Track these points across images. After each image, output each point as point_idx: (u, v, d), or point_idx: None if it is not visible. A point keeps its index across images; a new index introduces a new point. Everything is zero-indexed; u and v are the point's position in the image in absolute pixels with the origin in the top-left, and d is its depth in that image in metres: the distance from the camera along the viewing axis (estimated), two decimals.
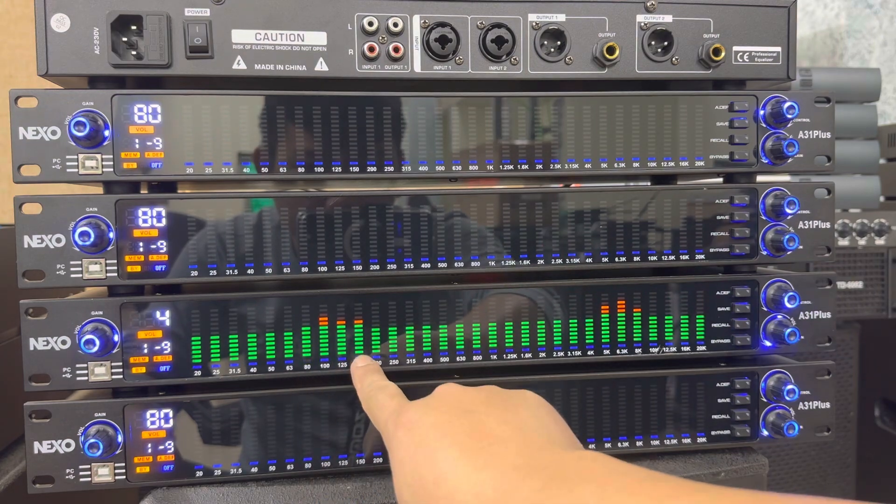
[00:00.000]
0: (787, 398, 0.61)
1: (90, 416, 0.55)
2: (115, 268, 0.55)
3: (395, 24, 0.56)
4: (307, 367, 0.58)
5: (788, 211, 0.61)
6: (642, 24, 0.60)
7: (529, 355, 0.60)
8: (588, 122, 0.60)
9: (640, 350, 0.62)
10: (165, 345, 0.56)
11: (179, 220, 0.55)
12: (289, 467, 0.58)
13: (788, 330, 0.61)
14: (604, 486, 0.33)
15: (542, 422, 0.42)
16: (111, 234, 0.54)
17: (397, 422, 0.44)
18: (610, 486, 0.33)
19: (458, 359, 0.60)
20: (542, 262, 0.60)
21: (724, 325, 0.63)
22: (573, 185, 0.68)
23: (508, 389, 0.45)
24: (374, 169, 0.57)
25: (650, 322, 0.62)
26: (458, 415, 0.42)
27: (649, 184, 0.68)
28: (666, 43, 0.60)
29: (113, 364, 0.55)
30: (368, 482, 0.58)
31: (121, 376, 0.55)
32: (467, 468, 0.37)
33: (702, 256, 0.62)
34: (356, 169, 0.57)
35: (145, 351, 0.56)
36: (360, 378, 0.54)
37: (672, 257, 0.62)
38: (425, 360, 0.59)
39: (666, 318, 0.62)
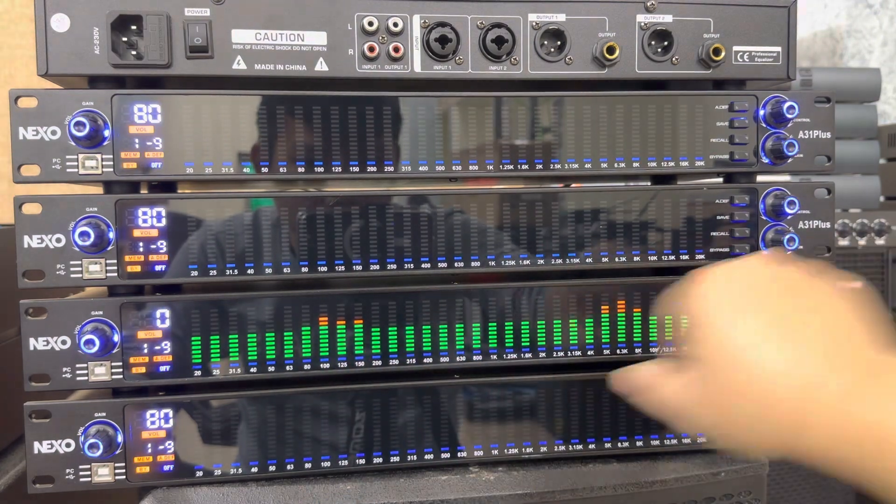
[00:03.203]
0: None
1: (90, 416, 0.55)
2: (115, 268, 0.55)
3: (395, 24, 0.56)
4: (307, 367, 0.58)
5: (788, 211, 0.61)
6: (642, 24, 0.60)
7: (529, 355, 0.60)
8: (588, 122, 0.60)
9: (640, 350, 0.62)
10: (165, 345, 0.56)
11: (179, 220, 0.55)
12: (289, 467, 0.58)
13: None
14: None
15: (853, 318, 0.41)
16: (111, 234, 0.54)
17: (698, 276, 0.43)
18: None
19: (458, 359, 0.60)
20: (542, 262, 0.60)
21: None
22: (573, 185, 0.68)
23: (814, 282, 0.43)
24: (374, 169, 0.57)
25: (650, 322, 0.62)
26: (764, 294, 0.41)
27: (649, 184, 0.68)
28: (666, 43, 0.60)
29: (113, 364, 0.55)
30: (368, 482, 0.58)
31: (121, 376, 0.55)
32: (782, 343, 0.38)
33: (702, 256, 0.62)
34: (356, 169, 0.57)
35: (145, 351, 0.56)
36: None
37: (672, 257, 0.62)
38: (425, 360, 0.59)
39: (666, 318, 0.62)
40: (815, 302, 0.41)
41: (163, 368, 0.56)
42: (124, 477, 0.56)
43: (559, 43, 0.59)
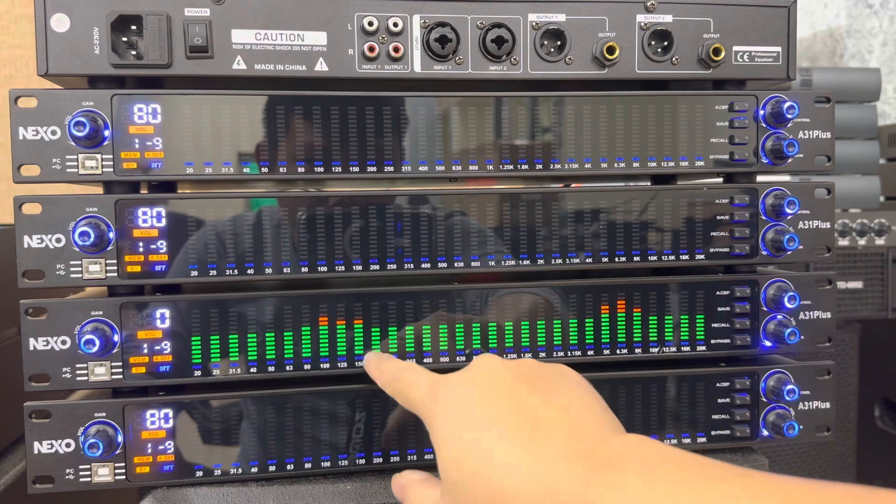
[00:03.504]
0: (788, 398, 0.61)
1: (90, 416, 0.55)
2: (115, 268, 0.55)
3: (395, 24, 0.56)
4: (307, 367, 0.58)
5: (788, 211, 0.61)
6: (642, 24, 0.60)
7: (529, 355, 0.60)
8: (588, 122, 0.60)
9: (640, 350, 0.62)
10: (165, 345, 0.56)
11: (179, 220, 0.55)
12: (289, 467, 0.58)
13: (788, 330, 0.61)
14: (651, 471, 0.33)
15: (585, 402, 0.41)
16: (111, 234, 0.54)
17: (436, 397, 0.44)
18: (657, 471, 0.33)
19: (458, 359, 0.60)
20: (542, 262, 0.60)
21: (724, 325, 0.63)
22: (573, 185, 0.68)
23: (546, 363, 0.45)
24: (374, 169, 0.57)
25: (650, 322, 0.62)
26: (501, 394, 0.41)
27: (649, 184, 0.68)
28: (666, 43, 0.60)
29: (113, 364, 0.55)
30: (368, 482, 0.58)
31: (121, 376, 0.55)
32: (514, 452, 0.37)
33: (702, 256, 0.62)
34: (356, 169, 0.57)
35: (145, 351, 0.56)
36: (378, 365, 0.53)
37: (672, 257, 0.62)
38: (425, 361, 0.59)
39: (666, 318, 0.62)
40: (545, 392, 0.41)
41: (163, 368, 0.56)
42: (124, 477, 0.56)
43: (559, 43, 0.59)
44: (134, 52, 0.54)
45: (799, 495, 0.30)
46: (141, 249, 0.55)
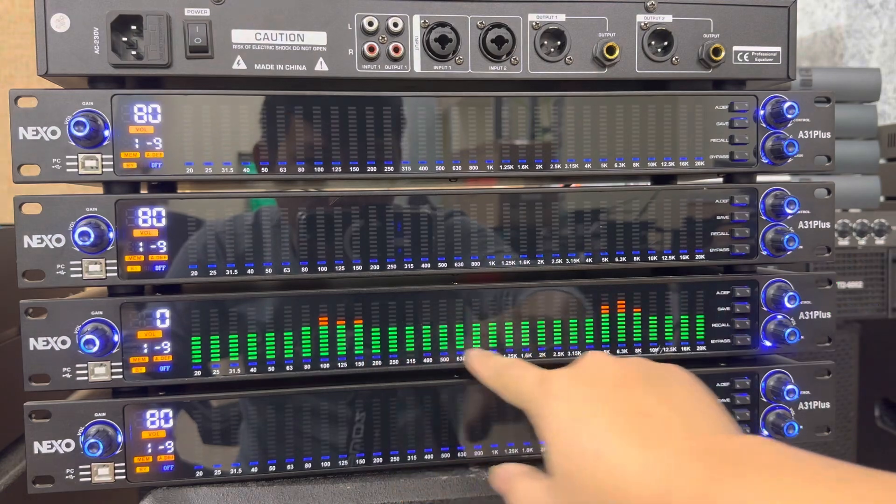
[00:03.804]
0: (787, 398, 0.61)
1: (90, 416, 0.55)
2: (115, 268, 0.55)
3: (395, 24, 0.56)
4: (307, 367, 0.58)
5: (788, 211, 0.61)
6: (642, 24, 0.60)
7: (529, 355, 0.60)
8: (588, 122, 0.60)
9: (640, 350, 0.62)
10: (165, 345, 0.56)
11: (179, 220, 0.55)
12: (289, 467, 0.58)
13: (788, 330, 0.61)
14: (777, 471, 0.32)
15: (701, 402, 0.41)
16: (111, 234, 0.54)
17: (546, 391, 0.43)
18: (783, 472, 0.32)
19: (457, 359, 0.60)
20: (542, 262, 0.60)
21: (724, 324, 0.63)
22: (573, 185, 0.68)
23: (657, 363, 0.45)
24: (374, 169, 0.57)
25: (650, 322, 0.62)
26: (614, 390, 0.41)
27: (649, 184, 0.68)
28: (666, 43, 0.60)
29: (113, 364, 0.55)
30: (368, 482, 0.58)
31: (121, 376, 0.55)
32: (632, 446, 0.37)
33: (702, 256, 0.62)
34: (356, 169, 0.57)
35: (145, 351, 0.56)
36: (482, 361, 0.54)
37: (672, 257, 0.62)
38: (425, 360, 0.59)
39: (666, 318, 0.62)
40: (660, 391, 0.41)
41: (163, 368, 0.56)
42: (124, 477, 0.56)
43: (559, 43, 0.59)
44: (134, 52, 0.54)
45: None
46: (141, 249, 0.55)
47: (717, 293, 0.62)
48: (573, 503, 0.39)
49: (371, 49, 0.56)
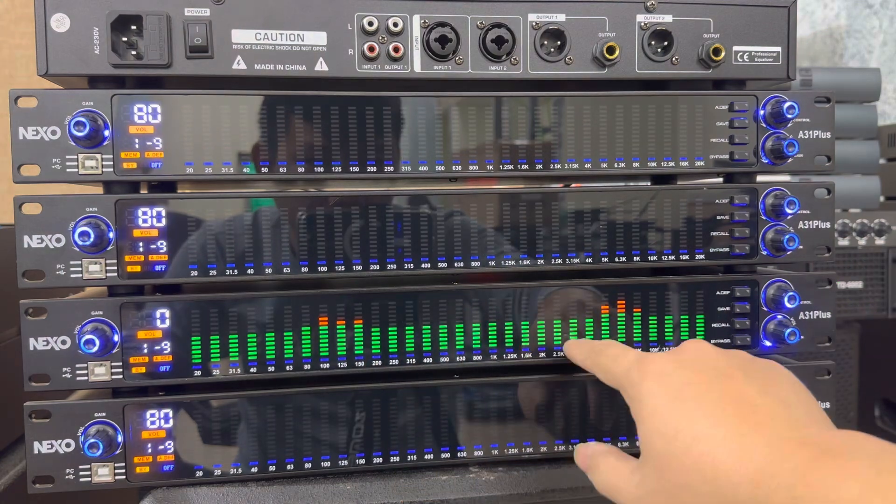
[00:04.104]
0: None
1: (90, 416, 0.55)
2: (115, 268, 0.55)
3: (395, 24, 0.56)
4: (307, 367, 0.58)
5: (788, 211, 0.61)
6: (642, 24, 0.60)
7: (529, 355, 0.60)
8: (588, 122, 0.60)
9: (640, 350, 0.62)
10: (165, 345, 0.56)
11: (179, 220, 0.55)
12: (289, 467, 0.58)
13: (788, 330, 0.61)
14: (878, 462, 0.32)
15: (801, 397, 0.41)
16: (111, 234, 0.54)
17: (643, 371, 0.44)
18: (884, 463, 0.32)
19: (457, 359, 0.60)
20: (542, 261, 0.60)
21: (724, 324, 0.63)
22: (573, 185, 0.68)
23: (758, 357, 0.45)
24: (374, 169, 0.57)
25: (650, 322, 0.62)
26: (715, 377, 0.41)
27: (649, 184, 0.68)
28: (666, 43, 0.60)
29: (113, 364, 0.55)
30: (368, 482, 0.58)
31: (121, 376, 0.55)
32: (731, 431, 0.37)
33: (702, 256, 0.62)
34: (356, 169, 0.57)
35: (145, 351, 0.56)
36: (578, 344, 0.55)
37: (672, 257, 0.62)
38: (425, 360, 0.59)
39: (666, 318, 0.62)
40: (762, 382, 0.41)
41: (163, 368, 0.56)
42: (124, 477, 0.56)
43: (559, 43, 0.59)
44: (134, 52, 0.54)
45: None
46: (141, 249, 0.55)
47: (717, 293, 0.62)
48: (663, 483, 0.39)
49: (371, 49, 0.56)
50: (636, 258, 0.61)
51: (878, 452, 0.34)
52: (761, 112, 0.61)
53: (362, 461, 0.59)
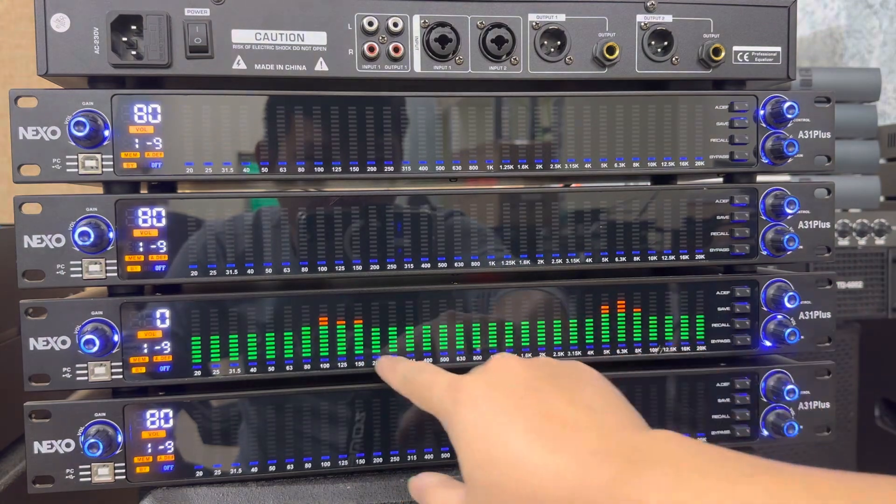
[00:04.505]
0: (788, 398, 0.61)
1: (90, 416, 0.55)
2: (115, 268, 0.55)
3: (395, 24, 0.56)
4: (307, 367, 0.58)
5: (788, 211, 0.61)
6: (642, 24, 0.60)
7: (529, 355, 0.60)
8: (588, 122, 0.60)
9: (640, 350, 0.62)
10: (165, 345, 0.56)
11: (179, 220, 0.55)
12: (289, 467, 0.58)
13: (788, 330, 0.61)
14: (678, 466, 0.33)
15: (607, 399, 0.42)
16: (111, 234, 0.54)
17: (456, 398, 0.44)
18: (684, 467, 0.33)
19: (458, 359, 0.60)
20: (542, 261, 0.60)
21: (724, 324, 0.63)
22: (573, 185, 0.68)
23: (562, 361, 0.46)
24: (374, 169, 0.57)
25: (650, 322, 0.62)
26: (523, 394, 0.41)
27: (649, 184, 0.68)
28: (666, 43, 0.60)
29: (113, 364, 0.55)
30: (368, 482, 0.58)
31: (121, 376, 0.55)
32: (543, 451, 0.37)
33: (702, 256, 0.62)
34: (356, 169, 0.57)
35: (145, 351, 0.56)
36: (391, 367, 0.53)
37: (672, 257, 0.62)
38: (425, 361, 0.59)
39: (666, 317, 0.62)
40: (569, 391, 0.42)
41: (163, 368, 0.56)
42: (124, 477, 0.56)
43: (559, 43, 0.59)
44: (134, 52, 0.54)
45: (829, 489, 0.30)
46: (141, 249, 0.55)
47: (717, 293, 0.62)
48: None
49: (371, 49, 0.56)
50: (636, 258, 0.61)
51: (677, 453, 0.34)
52: (761, 112, 0.61)
53: (362, 461, 0.59)
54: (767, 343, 0.63)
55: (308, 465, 0.58)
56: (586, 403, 0.41)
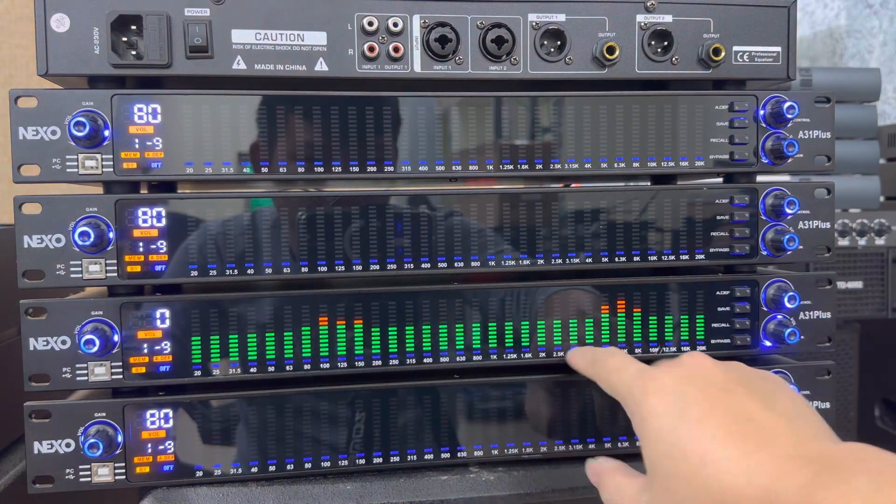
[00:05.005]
0: None
1: (90, 416, 0.55)
2: (115, 268, 0.55)
3: (395, 24, 0.56)
4: (307, 367, 0.58)
5: (788, 211, 0.61)
6: (642, 24, 0.60)
7: (529, 355, 0.60)
8: (588, 122, 0.60)
9: (640, 350, 0.62)
10: (165, 345, 0.56)
11: (179, 220, 0.55)
12: (289, 467, 0.58)
13: (788, 330, 0.61)
14: (880, 476, 0.33)
15: (801, 410, 0.41)
16: (111, 234, 0.54)
17: (646, 387, 0.44)
18: (885, 479, 0.32)
19: (458, 359, 0.60)
20: (542, 262, 0.60)
21: (724, 325, 0.63)
22: (573, 185, 0.68)
23: (755, 369, 0.45)
24: (373, 169, 0.57)
25: (650, 322, 0.62)
26: (717, 393, 0.41)
27: (649, 184, 0.68)
28: (666, 43, 0.60)
29: (113, 364, 0.55)
30: (368, 482, 0.58)
31: (121, 376, 0.55)
32: (737, 451, 0.37)
33: (702, 256, 0.62)
34: (356, 169, 0.57)
35: (145, 351, 0.56)
36: (580, 353, 0.55)
37: (672, 257, 0.62)
38: (425, 360, 0.59)
39: (666, 318, 0.62)
40: (763, 397, 0.41)
41: (163, 368, 0.56)
42: (124, 477, 0.56)
43: (559, 43, 0.59)
44: (134, 52, 0.54)
45: None
46: (141, 249, 0.55)
47: (717, 293, 0.62)
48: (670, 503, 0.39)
49: (371, 49, 0.56)
50: (636, 258, 0.61)
51: (880, 465, 0.34)
52: (761, 112, 0.61)
53: (362, 461, 0.59)
54: (767, 343, 0.63)
55: (308, 466, 0.58)
56: (781, 411, 0.40)
